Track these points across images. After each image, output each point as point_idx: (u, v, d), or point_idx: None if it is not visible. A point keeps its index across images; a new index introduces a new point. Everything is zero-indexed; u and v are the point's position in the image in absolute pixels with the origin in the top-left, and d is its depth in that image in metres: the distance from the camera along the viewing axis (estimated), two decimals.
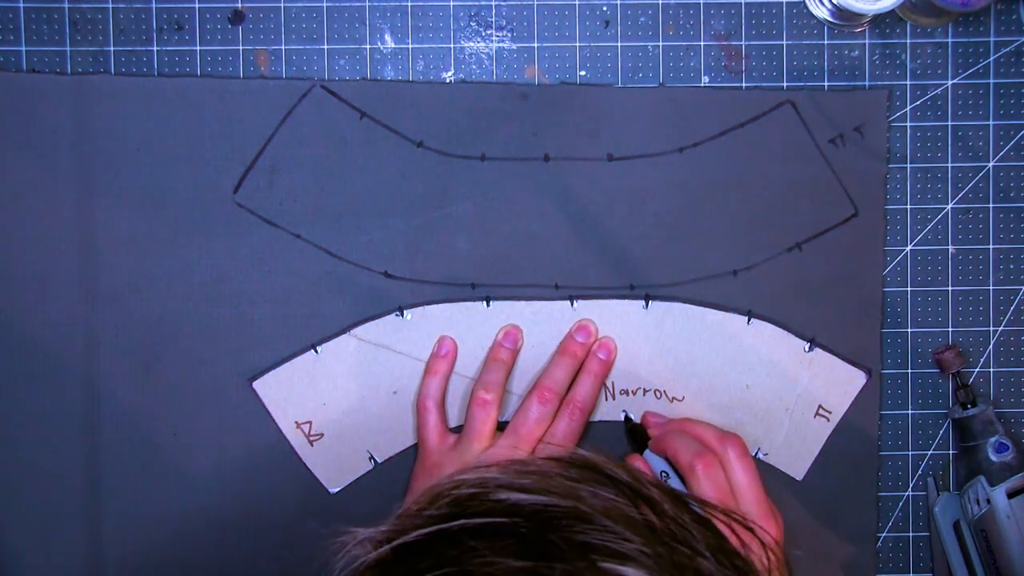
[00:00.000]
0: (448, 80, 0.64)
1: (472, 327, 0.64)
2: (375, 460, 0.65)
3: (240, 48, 0.64)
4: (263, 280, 0.64)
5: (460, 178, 0.64)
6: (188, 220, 0.64)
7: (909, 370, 0.65)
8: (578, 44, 0.64)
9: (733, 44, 0.64)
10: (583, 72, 0.64)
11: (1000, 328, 0.65)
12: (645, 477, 0.38)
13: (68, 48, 0.63)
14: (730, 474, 0.57)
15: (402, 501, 0.62)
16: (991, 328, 0.65)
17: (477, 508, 0.35)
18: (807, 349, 0.65)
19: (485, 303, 0.64)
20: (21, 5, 0.63)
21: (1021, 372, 0.65)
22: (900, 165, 0.65)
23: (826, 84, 0.64)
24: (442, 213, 0.64)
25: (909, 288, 0.65)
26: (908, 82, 0.64)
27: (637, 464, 0.60)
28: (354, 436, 0.64)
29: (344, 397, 0.64)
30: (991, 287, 0.65)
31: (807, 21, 0.64)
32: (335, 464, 0.64)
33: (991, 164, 0.65)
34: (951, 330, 0.65)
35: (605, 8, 0.64)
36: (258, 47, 0.64)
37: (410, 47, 0.64)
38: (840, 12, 0.63)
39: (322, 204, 0.64)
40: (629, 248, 0.64)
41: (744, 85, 0.64)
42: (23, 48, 0.63)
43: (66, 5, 0.63)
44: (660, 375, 0.65)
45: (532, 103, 0.64)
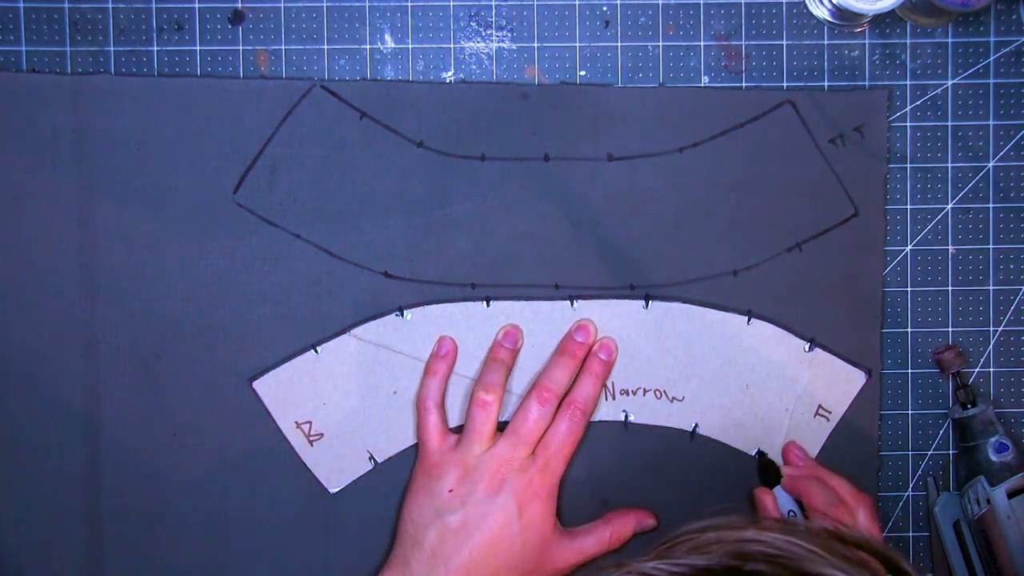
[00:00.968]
0: (448, 80, 0.64)
1: (472, 327, 0.64)
2: (375, 460, 0.65)
3: (240, 48, 0.64)
4: (263, 280, 0.64)
5: (460, 178, 0.64)
6: (188, 220, 0.64)
7: (909, 370, 0.65)
8: (578, 44, 0.64)
9: (733, 44, 0.64)
10: (583, 72, 0.64)
11: (1000, 328, 0.65)
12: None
13: (68, 48, 0.63)
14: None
15: (402, 501, 0.62)
16: (991, 328, 0.65)
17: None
18: (807, 349, 0.65)
19: (485, 303, 0.64)
20: (21, 5, 0.63)
21: (1021, 372, 0.65)
22: (900, 165, 0.65)
23: (826, 84, 0.64)
24: (442, 213, 0.64)
25: (909, 288, 0.65)
26: (908, 82, 0.64)
27: (765, 499, 0.61)
28: (354, 436, 0.64)
29: (344, 397, 0.64)
30: (991, 287, 0.65)
31: (807, 21, 0.64)
32: (335, 464, 0.64)
33: (991, 164, 0.65)
34: (951, 330, 0.65)
35: (605, 8, 0.64)
36: (258, 47, 0.64)
37: (410, 47, 0.64)
38: (840, 12, 0.63)
39: (322, 204, 0.64)
40: (629, 248, 0.64)
41: (744, 85, 0.64)
42: (23, 48, 0.63)
43: (66, 5, 0.63)
44: (660, 375, 0.65)
45: (532, 103, 0.64)
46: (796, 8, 0.64)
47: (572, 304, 0.64)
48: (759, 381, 0.65)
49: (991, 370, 0.65)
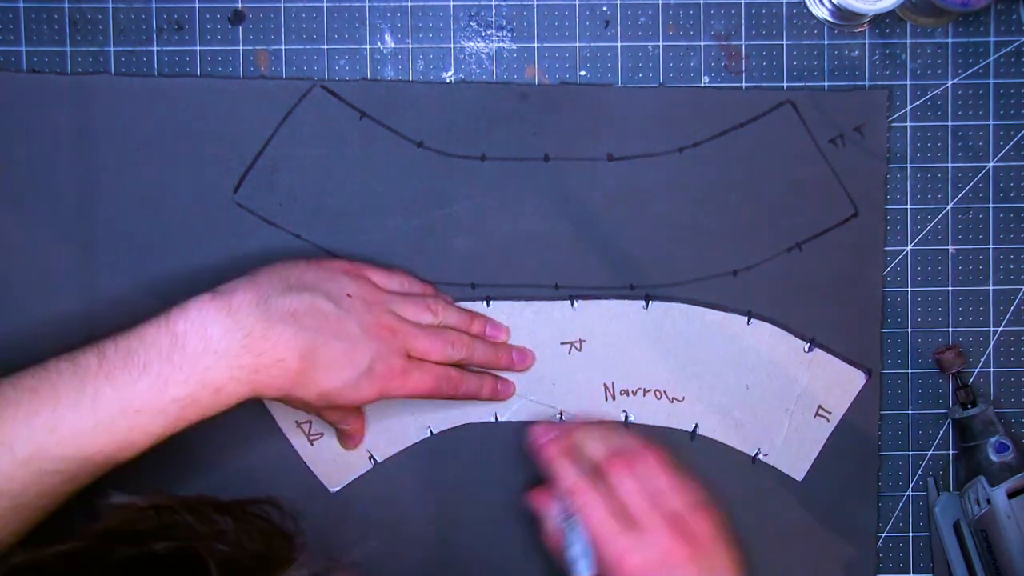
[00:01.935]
0: (448, 80, 0.64)
1: None
2: (375, 460, 0.65)
3: (240, 48, 0.64)
4: None
5: (460, 178, 0.64)
6: (188, 220, 0.64)
7: (909, 370, 0.65)
8: (578, 44, 0.64)
9: (733, 44, 0.64)
10: (583, 72, 0.64)
11: (1000, 328, 0.65)
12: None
13: (68, 48, 0.63)
14: (621, 494, 0.55)
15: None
16: (991, 328, 0.65)
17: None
18: (807, 349, 0.65)
19: (485, 303, 0.64)
20: (21, 5, 0.63)
21: (1021, 372, 0.65)
22: (900, 165, 0.65)
23: (826, 84, 0.64)
24: (442, 213, 0.64)
25: (909, 288, 0.65)
26: (908, 82, 0.64)
27: (536, 504, 0.59)
28: None
29: None
30: (991, 287, 0.65)
31: (807, 21, 0.64)
32: (335, 464, 0.64)
33: (991, 164, 0.65)
34: (951, 330, 0.65)
35: (605, 8, 0.64)
36: (258, 47, 0.64)
37: (410, 47, 0.64)
38: (840, 12, 0.63)
39: (322, 204, 0.64)
40: (629, 248, 0.64)
41: (744, 85, 0.64)
42: (23, 48, 0.63)
43: (66, 5, 0.63)
44: (660, 375, 0.65)
45: (532, 103, 0.64)
46: (796, 8, 0.64)
47: (572, 304, 0.64)
48: (759, 381, 0.65)
49: (991, 370, 0.65)
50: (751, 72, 0.64)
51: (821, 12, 0.64)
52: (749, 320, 0.65)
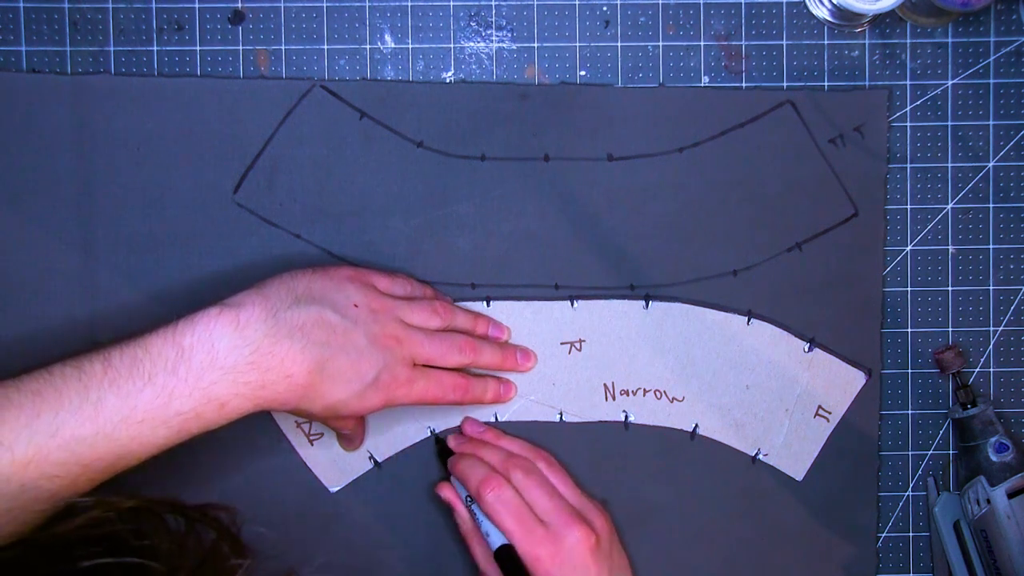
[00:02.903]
0: (448, 80, 0.64)
1: None
2: (375, 460, 0.65)
3: (240, 48, 0.64)
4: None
5: (460, 178, 0.64)
6: (188, 220, 0.64)
7: (909, 370, 0.65)
8: (578, 44, 0.64)
9: (733, 44, 0.64)
10: (583, 72, 0.64)
11: (1000, 328, 0.65)
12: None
13: (68, 48, 0.63)
14: (523, 493, 0.59)
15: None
16: (991, 328, 0.65)
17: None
18: (807, 349, 0.65)
19: (485, 303, 0.64)
20: (21, 5, 0.63)
21: (1021, 372, 0.65)
22: (900, 165, 0.65)
23: (826, 84, 0.64)
24: (442, 213, 0.64)
25: (909, 288, 0.65)
26: (908, 82, 0.64)
27: (445, 493, 0.61)
28: None
29: None
30: (991, 287, 0.65)
31: (807, 21, 0.64)
32: (335, 464, 0.64)
33: (991, 164, 0.65)
34: (951, 330, 0.65)
35: (605, 8, 0.64)
36: (258, 47, 0.64)
37: (410, 47, 0.64)
38: (840, 12, 0.63)
39: (322, 204, 0.64)
40: (629, 248, 0.64)
41: (744, 85, 0.64)
42: (23, 48, 0.63)
43: (66, 5, 0.63)
44: (660, 375, 0.65)
45: (532, 103, 0.64)
46: (796, 8, 0.64)
47: (572, 304, 0.64)
48: (759, 381, 0.65)
49: (991, 370, 0.65)
50: (751, 72, 0.64)
51: (821, 12, 0.64)
52: (749, 320, 0.65)
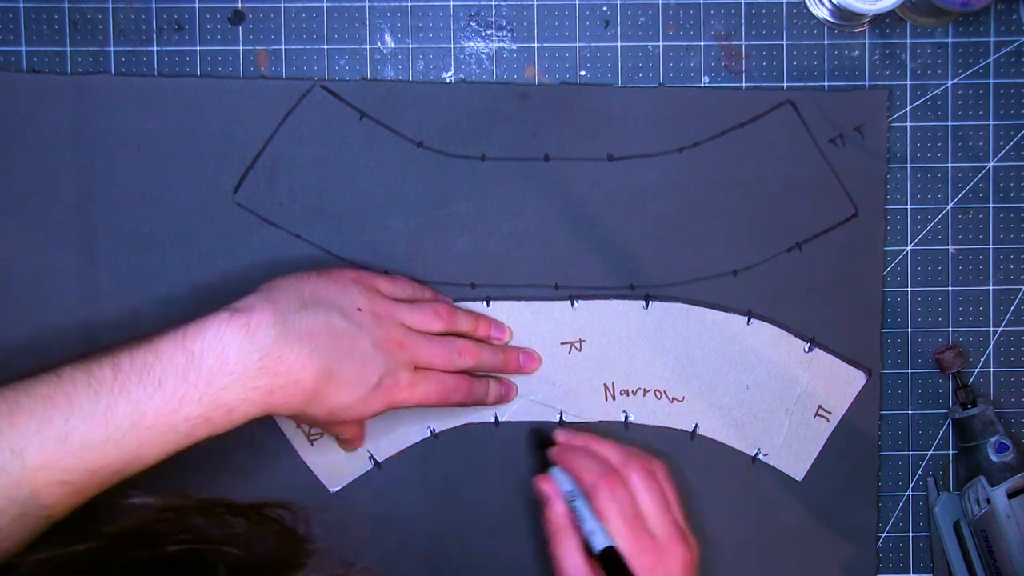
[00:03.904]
0: (448, 80, 0.64)
1: None
2: (375, 460, 0.65)
3: (240, 48, 0.64)
4: (263, 280, 0.63)
5: (460, 178, 0.64)
6: (188, 220, 0.64)
7: (909, 370, 0.65)
8: (578, 44, 0.64)
9: (733, 44, 0.64)
10: (583, 72, 0.64)
11: (1000, 328, 0.65)
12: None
13: (68, 48, 0.63)
14: (635, 496, 0.58)
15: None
16: (991, 328, 0.65)
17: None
18: (807, 349, 0.65)
19: (485, 303, 0.64)
20: (21, 5, 0.63)
21: (1021, 372, 0.65)
22: (900, 165, 0.65)
23: (826, 84, 0.64)
24: (442, 213, 0.64)
25: (909, 288, 0.65)
26: (908, 82, 0.64)
27: (543, 485, 0.60)
28: None
29: None
30: (991, 287, 0.65)
31: (807, 21, 0.64)
32: (335, 464, 0.64)
33: (991, 164, 0.65)
34: (951, 330, 0.65)
35: (605, 8, 0.64)
36: (258, 47, 0.64)
37: (410, 47, 0.64)
38: (840, 12, 0.63)
39: (322, 204, 0.64)
40: (629, 248, 0.64)
41: (744, 85, 0.64)
42: (23, 48, 0.63)
43: (66, 5, 0.63)
44: (660, 375, 0.65)
45: (532, 103, 0.64)
46: (796, 8, 0.64)
47: (572, 304, 0.64)
48: (759, 381, 0.65)
49: (991, 370, 0.65)
50: (751, 72, 0.64)
51: (821, 12, 0.64)
52: (749, 320, 0.65)
